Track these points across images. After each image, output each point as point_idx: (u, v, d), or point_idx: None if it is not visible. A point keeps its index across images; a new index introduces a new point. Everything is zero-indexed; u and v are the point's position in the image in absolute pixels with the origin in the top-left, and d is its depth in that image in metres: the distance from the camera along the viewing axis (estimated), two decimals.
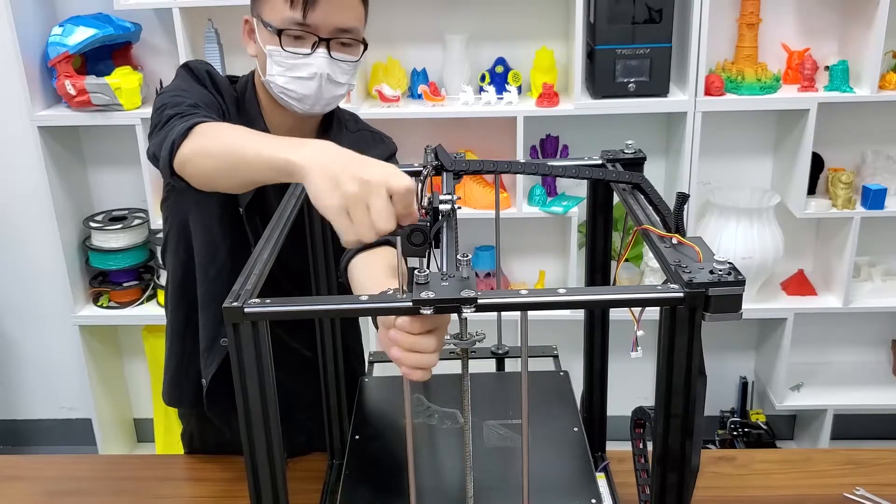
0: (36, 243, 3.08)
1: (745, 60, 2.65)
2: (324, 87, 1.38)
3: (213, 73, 1.45)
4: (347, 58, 1.39)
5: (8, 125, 2.92)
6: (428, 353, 0.92)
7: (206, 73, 1.44)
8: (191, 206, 1.46)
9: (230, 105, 1.45)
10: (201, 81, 1.42)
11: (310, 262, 1.34)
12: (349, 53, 1.39)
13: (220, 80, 1.46)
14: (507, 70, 2.75)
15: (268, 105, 1.46)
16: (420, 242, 0.94)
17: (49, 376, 3.30)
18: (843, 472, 1.52)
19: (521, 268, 3.04)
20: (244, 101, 1.47)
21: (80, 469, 1.63)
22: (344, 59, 1.38)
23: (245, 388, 0.88)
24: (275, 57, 1.37)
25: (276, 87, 1.40)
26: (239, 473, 1.48)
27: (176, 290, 1.54)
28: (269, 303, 0.85)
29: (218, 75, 1.47)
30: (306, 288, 1.42)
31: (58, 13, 2.81)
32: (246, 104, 1.46)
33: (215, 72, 1.46)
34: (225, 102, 1.43)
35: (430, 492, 1.13)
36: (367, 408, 1.38)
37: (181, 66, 1.45)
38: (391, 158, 1.57)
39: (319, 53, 1.36)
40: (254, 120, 1.44)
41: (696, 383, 0.89)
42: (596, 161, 1.26)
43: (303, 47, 1.36)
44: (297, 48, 1.35)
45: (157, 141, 1.26)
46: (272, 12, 1.35)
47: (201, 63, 1.47)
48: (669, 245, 0.94)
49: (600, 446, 1.43)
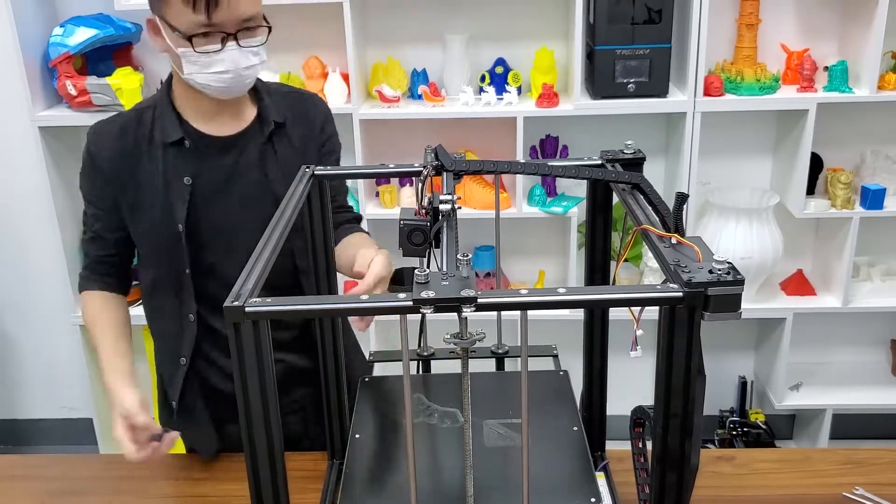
0: (36, 243, 3.08)
1: (745, 61, 2.65)
2: (241, 75, 1.46)
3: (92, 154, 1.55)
4: (255, 41, 1.46)
5: (9, 125, 2.93)
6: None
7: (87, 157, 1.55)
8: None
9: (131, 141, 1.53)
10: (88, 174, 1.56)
11: (310, 262, 1.35)
12: (255, 36, 1.47)
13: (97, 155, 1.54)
14: (507, 70, 2.75)
15: (192, 94, 1.51)
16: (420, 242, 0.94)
17: (50, 376, 3.30)
18: (842, 472, 1.52)
19: (521, 268, 3.05)
20: (162, 110, 1.54)
21: (80, 469, 1.64)
22: (252, 44, 1.45)
23: (245, 388, 0.88)
24: (188, 57, 1.42)
25: (197, 84, 1.46)
26: (239, 473, 1.49)
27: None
28: (269, 302, 0.85)
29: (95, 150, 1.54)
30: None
31: (58, 14, 2.81)
32: (162, 113, 1.53)
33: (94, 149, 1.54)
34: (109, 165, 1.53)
35: (430, 491, 1.13)
36: (367, 408, 1.38)
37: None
38: (329, 115, 1.68)
39: (229, 47, 1.42)
40: (168, 130, 1.52)
41: (695, 383, 0.90)
42: (595, 161, 1.26)
43: (212, 44, 1.41)
44: (207, 46, 1.41)
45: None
46: (176, 17, 1.39)
47: (87, 146, 1.55)
48: (669, 245, 0.95)
49: (600, 446, 1.43)
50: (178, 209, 1.51)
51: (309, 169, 1.26)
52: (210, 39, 1.40)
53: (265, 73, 2.71)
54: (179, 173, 1.51)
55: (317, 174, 1.27)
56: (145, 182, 1.52)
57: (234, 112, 1.55)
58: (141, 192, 1.52)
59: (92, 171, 1.54)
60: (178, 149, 1.52)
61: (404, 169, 1.34)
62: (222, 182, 1.54)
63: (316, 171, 1.27)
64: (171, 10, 1.38)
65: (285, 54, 2.80)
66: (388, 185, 2.78)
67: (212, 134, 1.54)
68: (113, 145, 1.52)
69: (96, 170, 1.53)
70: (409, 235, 0.94)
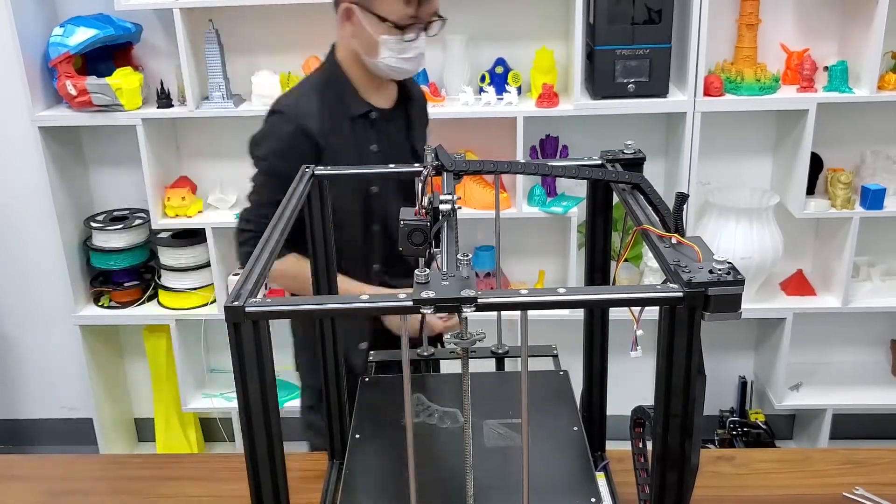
0: (37, 243, 3.08)
1: (745, 61, 2.65)
2: (421, 60, 1.77)
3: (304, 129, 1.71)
4: (433, 31, 1.76)
5: (9, 125, 2.93)
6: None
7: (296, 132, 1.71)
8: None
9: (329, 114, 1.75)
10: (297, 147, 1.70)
11: (310, 262, 1.35)
12: (434, 28, 1.76)
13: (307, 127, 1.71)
14: (507, 70, 2.75)
15: (363, 73, 1.78)
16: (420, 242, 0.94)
17: (50, 376, 3.30)
18: (842, 472, 1.52)
19: (521, 268, 3.05)
20: (342, 86, 1.78)
21: (80, 469, 1.64)
22: (432, 33, 1.76)
23: (245, 388, 0.88)
24: (388, 44, 1.70)
25: (385, 67, 1.73)
26: (239, 473, 1.49)
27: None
28: (269, 302, 0.85)
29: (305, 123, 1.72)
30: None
31: (58, 14, 2.81)
32: (343, 90, 1.78)
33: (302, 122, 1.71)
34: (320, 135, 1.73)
35: (430, 491, 1.13)
36: (367, 408, 1.38)
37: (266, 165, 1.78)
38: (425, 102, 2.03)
39: (422, 36, 1.73)
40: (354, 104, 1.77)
41: (695, 383, 0.90)
42: (596, 161, 1.26)
43: (410, 33, 1.69)
44: (407, 35, 1.69)
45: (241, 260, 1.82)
46: (389, 9, 1.66)
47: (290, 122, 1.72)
48: (669, 245, 0.95)
49: (600, 446, 1.43)
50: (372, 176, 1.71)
51: (309, 169, 1.26)
52: (411, 29, 1.69)
53: (264, 72, 2.71)
54: (367, 141, 1.77)
55: (317, 174, 1.27)
56: (341, 151, 1.73)
57: (388, 88, 1.84)
58: (339, 159, 1.70)
59: (303, 144, 1.71)
60: (364, 120, 1.77)
61: (404, 169, 1.34)
62: (395, 148, 1.81)
63: (316, 171, 1.27)
64: (387, 5, 1.66)
65: (285, 54, 2.80)
66: None
67: (381, 106, 1.81)
68: (319, 115, 1.72)
69: (309, 142, 1.71)
70: (409, 235, 0.94)
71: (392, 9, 1.66)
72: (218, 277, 2.88)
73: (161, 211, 2.84)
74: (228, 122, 2.88)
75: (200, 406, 3.09)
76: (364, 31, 1.69)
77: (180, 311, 2.93)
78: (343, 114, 1.75)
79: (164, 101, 2.74)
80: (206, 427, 3.34)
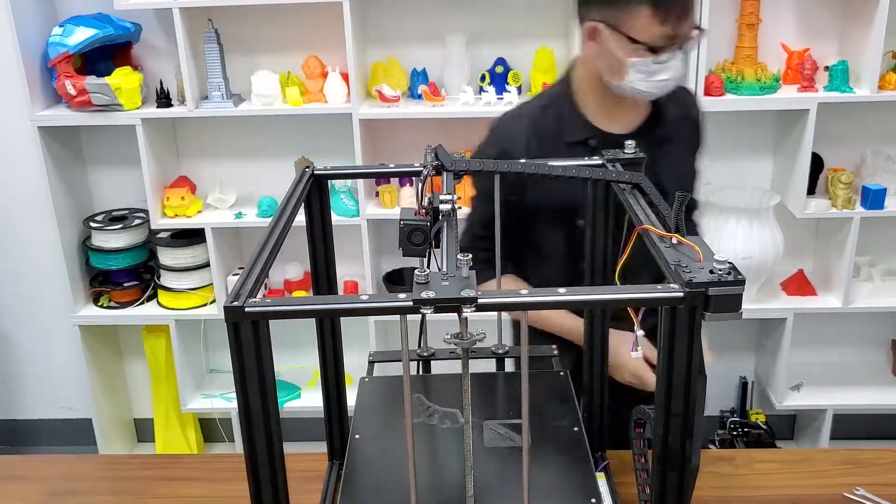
0: (36, 243, 3.08)
1: (745, 61, 2.65)
2: (676, 81, 1.53)
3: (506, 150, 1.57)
4: (692, 47, 1.55)
5: (8, 125, 2.93)
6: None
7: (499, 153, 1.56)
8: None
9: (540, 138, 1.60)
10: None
11: (310, 262, 1.34)
12: (692, 43, 1.51)
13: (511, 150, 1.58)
14: (507, 70, 2.75)
15: (598, 93, 1.58)
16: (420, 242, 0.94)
17: (49, 376, 3.30)
18: (842, 472, 1.52)
19: None
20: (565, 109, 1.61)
21: (80, 469, 1.64)
22: (690, 49, 1.54)
23: (245, 388, 0.88)
24: (638, 67, 1.47)
25: (631, 89, 1.51)
26: (239, 473, 1.49)
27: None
28: (269, 302, 0.85)
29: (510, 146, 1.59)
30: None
31: (58, 13, 2.81)
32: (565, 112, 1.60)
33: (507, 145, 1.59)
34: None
35: (430, 492, 1.13)
36: (367, 408, 1.38)
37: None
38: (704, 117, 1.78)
39: (677, 56, 1.48)
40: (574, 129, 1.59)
41: (695, 383, 0.90)
42: (596, 161, 1.26)
43: (664, 54, 1.47)
44: (661, 57, 1.47)
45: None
46: (641, 30, 1.43)
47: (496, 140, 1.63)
48: (669, 245, 0.94)
49: (600, 446, 1.43)
50: (581, 207, 1.53)
51: (309, 169, 1.26)
52: (666, 50, 1.46)
53: (264, 72, 2.71)
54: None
55: (317, 174, 1.27)
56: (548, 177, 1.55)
57: (632, 109, 1.61)
58: (546, 187, 1.55)
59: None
60: (582, 147, 1.57)
61: (404, 169, 1.34)
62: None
63: (316, 171, 1.27)
64: (637, 22, 1.42)
65: (285, 54, 2.80)
66: (388, 185, 2.78)
67: (610, 131, 1.59)
68: (526, 140, 1.58)
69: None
70: (409, 235, 0.94)
71: (645, 29, 1.43)
72: (217, 277, 2.88)
73: (160, 211, 2.84)
74: (228, 122, 2.88)
75: (200, 406, 3.09)
76: (611, 53, 1.48)
77: (180, 311, 2.93)
78: (558, 139, 1.59)
79: (164, 101, 2.74)
80: (206, 427, 3.34)
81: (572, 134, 1.58)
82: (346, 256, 2.88)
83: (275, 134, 2.93)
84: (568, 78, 1.63)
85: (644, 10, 1.41)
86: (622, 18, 1.44)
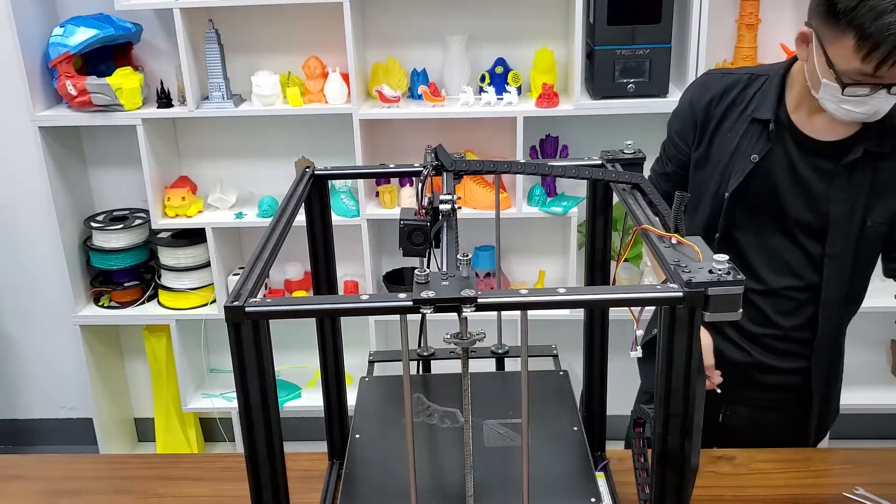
0: (37, 243, 3.08)
1: (745, 61, 2.65)
2: (876, 114, 1.43)
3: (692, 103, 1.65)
4: None
5: (9, 125, 2.93)
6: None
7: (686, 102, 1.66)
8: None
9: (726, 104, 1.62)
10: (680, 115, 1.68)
11: (310, 262, 1.35)
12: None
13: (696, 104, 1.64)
14: (507, 70, 2.75)
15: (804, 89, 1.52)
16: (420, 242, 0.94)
17: (49, 376, 3.30)
18: (842, 472, 1.52)
19: (521, 268, 3.04)
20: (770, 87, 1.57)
21: (80, 469, 1.64)
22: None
23: (245, 388, 0.88)
24: (829, 90, 1.41)
25: (821, 103, 1.46)
26: (239, 473, 1.49)
27: None
28: (269, 302, 0.85)
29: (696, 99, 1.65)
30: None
31: (58, 13, 2.81)
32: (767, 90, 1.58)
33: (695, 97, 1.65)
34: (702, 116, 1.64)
35: (430, 491, 1.13)
36: (367, 408, 1.38)
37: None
38: None
39: (880, 95, 1.38)
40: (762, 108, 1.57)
41: (695, 382, 0.90)
42: (595, 161, 1.27)
43: (862, 88, 1.38)
44: (855, 90, 1.38)
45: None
46: (841, 59, 1.36)
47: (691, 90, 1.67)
48: (669, 245, 0.95)
49: (600, 446, 1.44)
50: (733, 180, 1.59)
51: (309, 169, 1.26)
52: (860, 87, 1.38)
53: (264, 72, 2.71)
54: (750, 148, 1.57)
55: (317, 174, 1.27)
56: (721, 143, 1.61)
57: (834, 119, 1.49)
58: (713, 150, 1.62)
59: (686, 114, 1.66)
60: (761, 127, 1.57)
61: (404, 169, 1.34)
62: (786, 175, 1.57)
63: (316, 172, 1.27)
64: (840, 51, 1.36)
65: (285, 54, 2.80)
66: (388, 185, 2.78)
67: (810, 133, 1.54)
68: (719, 95, 1.61)
69: (690, 115, 1.65)
70: (409, 235, 0.94)
71: (844, 58, 1.35)
72: (218, 277, 2.88)
73: (161, 211, 2.84)
74: (228, 122, 2.89)
75: (200, 406, 3.09)
76: (811, 63, 1.44)
77: (180, 311, 2.93)
78: (745, 110, 1.58)
79: (164, 101, 2.74)
80: (206, 427, 3.34)
81: (760, 112, 1.56)
82: (346, 256, 2.89)
83: (275, 134, 2.93)
84: (791, 62, 1.58)
85: (849, 39, 1.33)
86: (830, 38, 1.37)
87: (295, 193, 1.18)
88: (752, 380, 1.72)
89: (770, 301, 1.66)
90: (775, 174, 1.58)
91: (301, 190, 1.19)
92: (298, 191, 1.18)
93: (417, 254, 1.11)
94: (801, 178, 1.56)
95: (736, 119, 1.60)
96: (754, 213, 1.62)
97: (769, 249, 1.64)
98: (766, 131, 1.56)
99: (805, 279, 1.64)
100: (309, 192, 1.25)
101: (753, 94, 1.59)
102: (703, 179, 1.65)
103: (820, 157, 1.55)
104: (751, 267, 1.65)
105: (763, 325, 1.68)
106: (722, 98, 1.61)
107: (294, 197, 1.16)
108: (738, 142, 1.59)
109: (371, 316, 2.63)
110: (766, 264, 1.65)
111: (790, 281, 1.64)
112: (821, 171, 1.56)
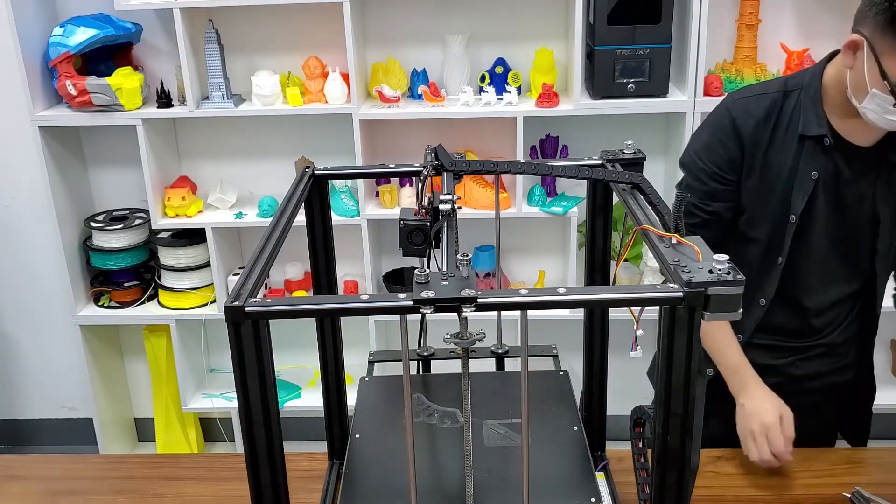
0: (37, 243, 3.08)
1: (745, 61, 2.65)
2: None
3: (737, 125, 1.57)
4: None
5: (9, 125, 2.93)
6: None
7: (729, 125, 1.58)
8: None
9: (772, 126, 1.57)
10: (723, 141, 1.58)
11: (310, 262, 1.35)
12: None
13: (742, 126, 1.57)
14: (507, 70, 2.75)
15: (839, 98, 1.50)
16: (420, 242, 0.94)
17: (50, 376, 3.30)
18: (842, 472, 1.52)
19: (521, 268, 3.05)
20: (808, 100, 1.55)
21: (80, 469, 1.64)
22: None
23: (245, 388, 0.88)
24: (877, 100, 1.39)
25: (863, 113, 1.44)
26: (239, 473, 1.49)
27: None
28: (269, 302, 0.85)
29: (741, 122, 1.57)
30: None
31: (58, 13, 2.81)
32: (807, 104, 1.55)
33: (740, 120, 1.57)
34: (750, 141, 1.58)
35: (430, 491, 1.13)
36: (367, 408, 1.38)
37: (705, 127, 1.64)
38: None
39: None
40: (810, 123, 1.54)
41: (695, 382, 0.90)
42: (595, 161, 1.27)
43: None
44: None
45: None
46: (894, 67, 1.35)
47: (729, 112, 1.59)
48: (669, 245, 0.95)
49: (600, 446, 1.44)
50: (797, 201, 1.55)
51: (309, 169, 1.26)
52: None
53: (264, 72, 2.71)
54: (808, 166, 1.54)
55: (317, 174, 1.27)
56: (773, 166, 1.57)
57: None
58: (766, 175, 1.57)
59: (731, 144, 1.58)
60: (814, 143, 1.54)
61: (404, 169, 1.34)
62: (837, 184, 1.56)
63: (316, 172, 1.27)
64: (893, 58, 1.35)
65: (285, 54, 2.80)
66: (388, 185, 2.78)
67: (845, 136, 1.53)
68: (764, 119, 1.56)
69: (736, 145, 1.57)
70: (409, 235, 0.94)
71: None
72: (218, 277, 2.88)
73: (161, 211, 2.84)
74: (228, 122, 2.89)
75: (200, 406, 3.09)
76: (860, 71, 1.41)
77: (180, 311, 2.93)
78: (792, 129, 1.55)
79: (164, 101, 2.74)
80: (206, 427, 3.34)
81: (810, 127, 1.53)
82: (346, 256, 2.89)
83: (275, 134, 2.93)
84: (820, 69, 1.55)
85: None
86: (885, 46, 1.35)
87: (295, 193, 1.18)
88: (799, 388, 1.72)
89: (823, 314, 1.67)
90: (829, 186, 1.56)
91: (301, 190, 1.19)
92: (298, 191, 1.18)
93: (417, 254, 1.11)
94: (849, 184, 1.56)
95: (782, 139, 1.56)
96: (812, 229, 1.59)
97: (822, 263, 1.62)
98: (818, 146, 1.54)
99: (854, 284, 1.65)
100: (309, 192, 1.25)
101: (791, 111, 1.56)
102: (754, 208, 1.61)
103: (861, 160, 1.55)
104: (807, 283, 1.63)
105: (807, 336, 1.70)
106: (766, 121, 1.57)
107: (294, 197, 1.16)
108: (791, 162, 1.55)
109: (371, 316, 2.64)
110: (820, 278, 1.64)
111: (843, 289, 1.65)
112: (864, 175, 1.56)
